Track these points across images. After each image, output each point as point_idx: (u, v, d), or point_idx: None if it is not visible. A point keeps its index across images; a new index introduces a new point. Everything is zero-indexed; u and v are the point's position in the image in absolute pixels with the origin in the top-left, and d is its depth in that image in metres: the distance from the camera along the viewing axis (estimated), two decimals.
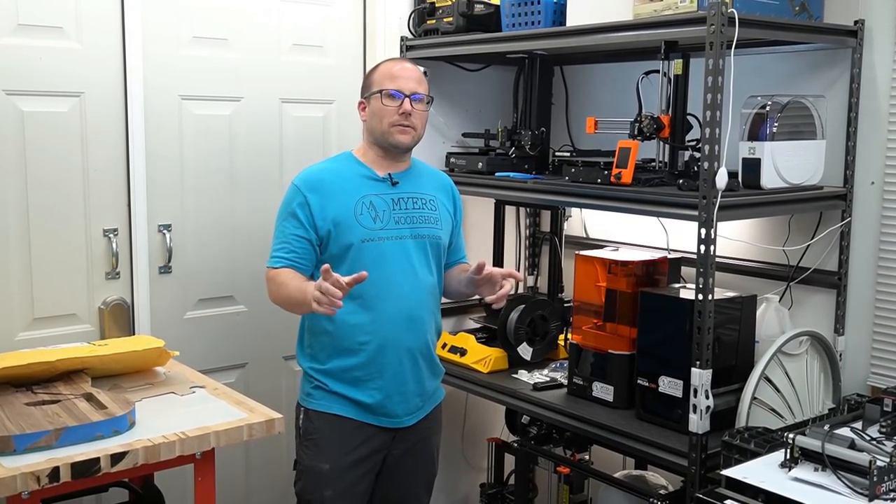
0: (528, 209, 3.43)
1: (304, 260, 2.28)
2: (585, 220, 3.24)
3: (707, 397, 2.13)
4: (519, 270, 3.45)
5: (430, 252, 2.36)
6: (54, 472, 1.68)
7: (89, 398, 1.98)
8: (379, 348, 2.26)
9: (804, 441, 1.81)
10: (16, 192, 2.38)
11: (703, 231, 2.09)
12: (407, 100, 2.29)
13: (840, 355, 2.47)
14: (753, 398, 2.19)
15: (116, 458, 1.76)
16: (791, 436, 1.83)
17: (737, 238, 2.65)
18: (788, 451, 1.82)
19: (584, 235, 3.24)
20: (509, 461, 3.00)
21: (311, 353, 2.34)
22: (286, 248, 2.28)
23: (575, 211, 3.24)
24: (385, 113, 2.29)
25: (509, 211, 3.28)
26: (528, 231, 3.47)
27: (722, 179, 2.07)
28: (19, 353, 2.17)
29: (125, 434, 1.86)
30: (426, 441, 2.42)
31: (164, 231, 2.65)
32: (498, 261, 3.18)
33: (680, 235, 2.79)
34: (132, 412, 1.92)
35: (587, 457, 2.92)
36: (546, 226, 3.39)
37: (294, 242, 2.27)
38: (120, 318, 2.58)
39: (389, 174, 2.35)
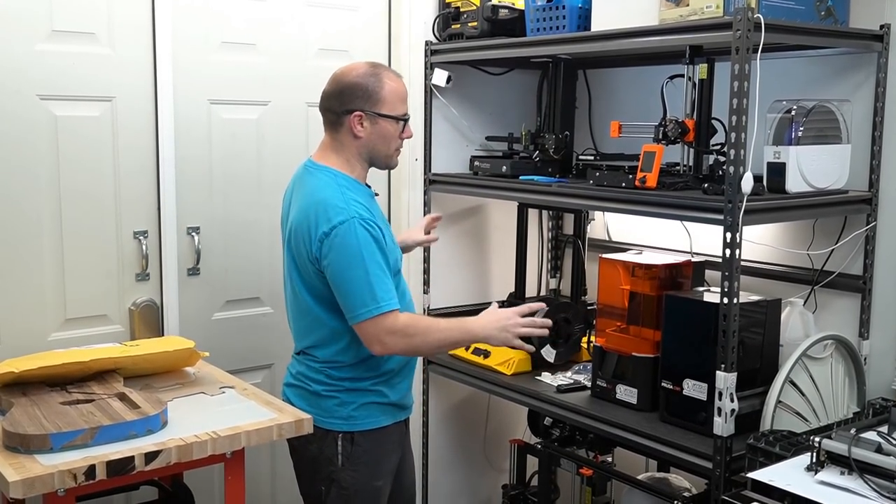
0: (550, 212, 3.45)
1: None
2: (608, 223, 3.25)
3: (732, 400, 2.14)
4: (541, 273, 3.47)
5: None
6: (90, 470, 1.72)
7: (122, 398, 2.02)
8: None
9: (830, 444, 1.82)
10: (49, 195, 2.43)
11: (729, 235, 2.10)
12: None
13: (865, 359, 2.47)
14: (778, 402, 2.20)
15: (150, 456, 1.80)
16: (817, 439, 1.83)
17: (761, 242, 2.65)
18: (815, 454, 1.83)
19: (607, 238, 3.25)
20: (531, 463, 3.01)
21: (354, 375, 2.23)
22: (390, 286, 2.13)
23: (598, 214, 3.25)
24: (395, 139, 2.23)
25: (532, 214, 3.30)
26: (550, 234, 3.48)
27: (747, 184, 2.08)
28: (53, 353, 2.21)
29: (158, 433, 1.89)
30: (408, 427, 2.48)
31: (193, 233, 2.69)
32: (521, 263, 3.19)
33: (703, 239, 2.80)
34: (165, 411, 1.95)
35: (610, 459, 2.93)
36: (568, 229, 3.41)
37: (391, 279, 2.15)
38: (149, 319, 2.62)
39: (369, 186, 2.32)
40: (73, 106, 2.44)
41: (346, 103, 2.19)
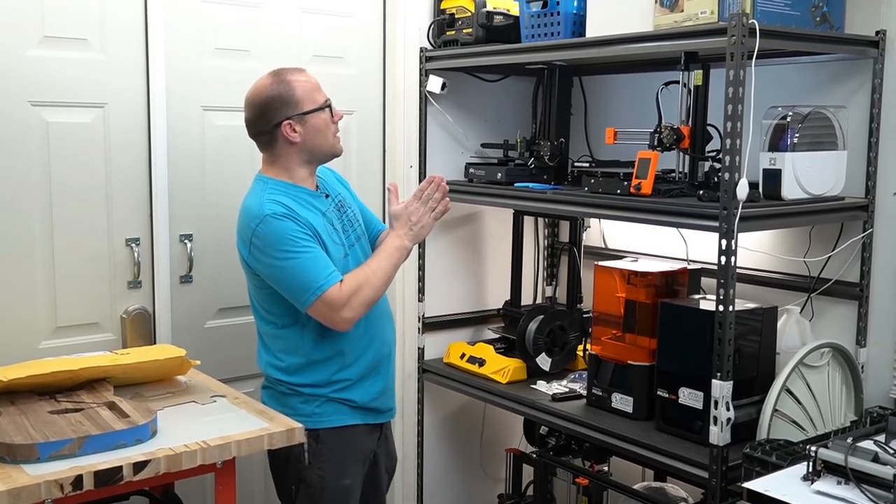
0: (546, 219, 3.43)
1: None
2: (604, 231, 3.23)
3: (728, 409, 2.12)
4: (537, 281, 3.45)
5: (368, 248, 2.40)
6: (77, 481, 1.69)
7: (111, 406, 1.99)
8: (377, 351, 2.34)
9: (827, 454, 1.79)
10: (40, 201, 2.41)
11: (724, 242, 2.09)
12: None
13: (862, 367, 2.45)
14: (775, 410, 2.18)
15: (139, 466, 1.77)
16: (814, 448, 1.81)
17: (757, 249, 2.64)
18: (811, 463, 1.81)
19: (603, 246, 3.23)
20: (527, 472, 2.99)
21: (314, 381, 2.27)
22: (324, 262, 2.16)
23: (594, 221, 3.23)
24: (330, 126, 2.27)
25: (528, 221, 3.28)
26: (546, 241, 3.47)
27: (743, 190, 2.06)
28: (43, 362, 2.18)
29: (147, 443, 1.87)
30: (391, 428, 2.53)
31: (186, 241, 2.67)
32: (516, 271, 3.18)
33: (699, 246, 2.78)
34: (154, 421, 1.93)
35: (606, 468, 2.91)
36: (564, 236, 3.40)
37: (323, 253, 2.18)
38: (141, 327, 2.60)
39: (318, 188, 2.32)
40: (64, 112, 2.43)
41: (271, 119, 2.22)
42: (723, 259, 2.09)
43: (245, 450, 1.93)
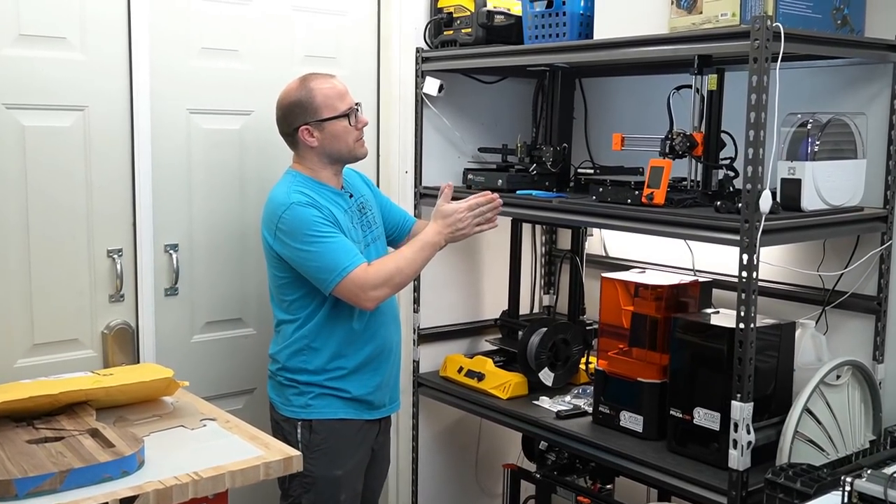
0: (544, 227, 3.32)
1: None
2: (605, 239, 3.12)
3: (749, 432, 2.02)
4: (535, 290, 3.34)
5: (382, 250, 2.46)
6: None
7: (95, 434, 1.86)
8: (377, 347, 2.39)
9: (864, 486, 1.69)
10: (16, 210, 2.26)
11: (746, 257, 1.98)
12: (360, 112, 2.37)
13: (880, 384, 2.36)
14: (795, 432, 2.08)
15: (126, 502, 1.64)
16: (849, 479, 1.71)
17: (768, 261, 2.53)
18: (846, 496, 1.71)
19: (604, 254, 3.13)
20: (524, 487, 2.88)
21: (310, 367, 2.34)
22: (348, 246, 2.23)
23: (596, 230, 3.12)
24: (350, 132, 2.33)
25: (525, 228, 3.17)
26: (543, 249, 3.35)
27: (766, 202, 1.96)
28: (19, 385, 2.04)
29: (134, 475, 1.73)
30: (389, 426, 2.59)
31: (171, 251, 2.53)
32: (514, 280, 3.06)
33: (707, 256, 2.68)
34: (141, 451, 1.79)
35: (609, 487, 2.80)
36: (563, 243, 3.28)
37: (347, 240, 2.26)
38: (124, 343, 2.46)
39: (342, 188, 2.40)
40: (42, 115, 2.28)
41: (291, 123, 2.32)
42: (744, 274, 1.99)
43: (240, 481, 1.81)
